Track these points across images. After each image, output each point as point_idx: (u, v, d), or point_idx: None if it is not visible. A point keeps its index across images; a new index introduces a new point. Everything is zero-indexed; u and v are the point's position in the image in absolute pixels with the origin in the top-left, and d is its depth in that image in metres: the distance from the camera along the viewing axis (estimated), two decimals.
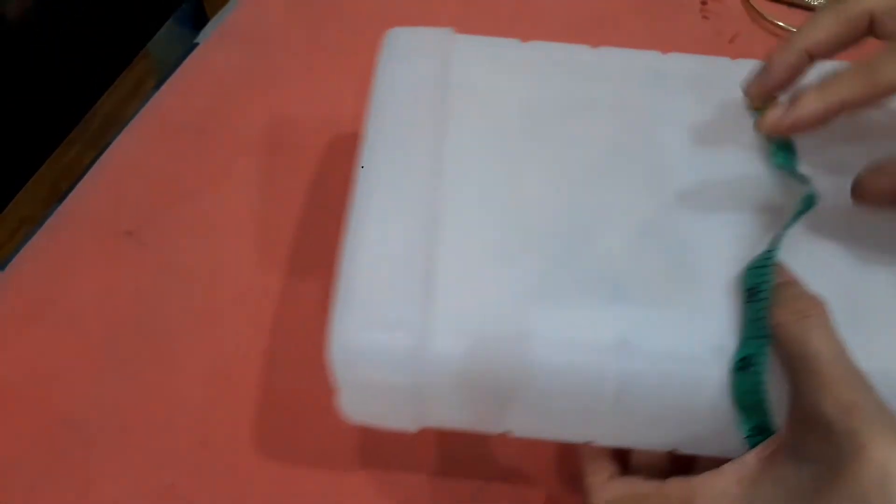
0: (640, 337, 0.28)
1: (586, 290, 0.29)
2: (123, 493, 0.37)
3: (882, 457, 0.23)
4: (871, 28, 0.31)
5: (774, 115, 0.31)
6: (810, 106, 0.31)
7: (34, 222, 0.46)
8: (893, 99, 0.31)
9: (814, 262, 0.29)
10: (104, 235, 0.45)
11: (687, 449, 0.30)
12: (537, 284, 0.29)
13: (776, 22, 0.55)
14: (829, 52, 0.32)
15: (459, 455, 0.37)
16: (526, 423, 0.31)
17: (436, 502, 0.36)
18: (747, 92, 0.33)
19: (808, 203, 0.30)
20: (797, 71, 0.32)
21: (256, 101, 0.50)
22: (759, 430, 0.27)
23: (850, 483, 0.23)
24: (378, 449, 0.38)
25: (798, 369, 0.26)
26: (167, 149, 0.48)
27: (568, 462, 0.37)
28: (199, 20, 0.86)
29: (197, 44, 0.54)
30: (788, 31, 0.54)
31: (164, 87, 0.52)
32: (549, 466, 0.37)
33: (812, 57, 0.32)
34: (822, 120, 0.31)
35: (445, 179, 0.32)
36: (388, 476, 0.37)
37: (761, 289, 0.27)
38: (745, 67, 0.33)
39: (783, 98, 0.32)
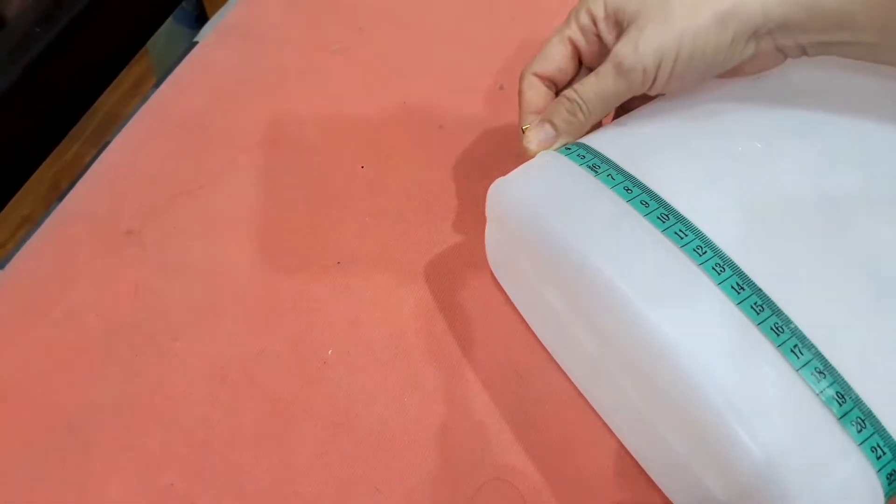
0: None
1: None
2: (123, 493, 0.37)
3: None
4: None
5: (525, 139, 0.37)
6: (531, 139, 0.36)
7: (34, 221, 0.46)
8: None
9: None
10: (104, 234, 0.45)
11: None
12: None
13: None
14: (562, 75, 0.37)
15: (459, 455, 0.37)
16: None
17: (436, 502, 0.36)
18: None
19: None
20: (539, 95, 0.37)
21: (256, 99, 0.50)
22: None
23: None
24: (377, 450, 0.38)
25: None
26: (167, 147, 0.48)
27: (569, 462, 0.37)
28: (199, 18, 0.86)
29: (197, 42, 0.54)
30: None
31: (163, 86, 0.51)
32: (550, 466, 0.37)
33: (552, 80, 0.37)
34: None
35: None
36: (388, 477, 0.37)
37: None
38: None
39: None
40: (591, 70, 0.38)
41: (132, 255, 0.44)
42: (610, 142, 0.35)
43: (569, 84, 0.38)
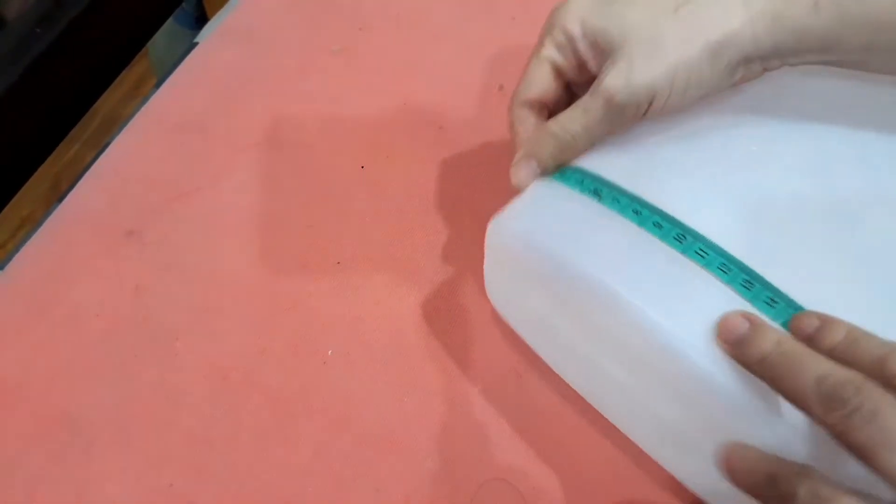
0: None
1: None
2: (123, 492, 0.37)
3: None
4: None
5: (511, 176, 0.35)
6: (518, 175, 0.34)
7: (34, 222, 0.46)
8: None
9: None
10: (104, 235, 0.45)
11: None
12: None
13: None
14: (550, 95, 0.35)
15: (459, 455, 0.37)
16: None
17: (436, 502, 0.36)
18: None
19: None
20: (530, 128, 0.35)
21: (256, 100, 0.50)
22: None
23: None
24: (377, 450, 0.38)
25: None
26: (167, 148, 0.48)
27: (570, 462, 0.37)
28: (199, 19, 0.86)
29: (197, 43, 0.54)
30: None
31: (163, 87, 0.51)
32: (550, 466, 0.37)
33: (541, 104, 0.36)
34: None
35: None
36: (388, 477, 0.37)
37: None
38: None
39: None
40: (573, 88, 0.37)
41: (132, 255, 0.44)
42: (606, 162, 0.34)
43: (558, 105, 0.37)
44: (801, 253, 0.31)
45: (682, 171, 0.33)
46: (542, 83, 0.35)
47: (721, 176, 0.33)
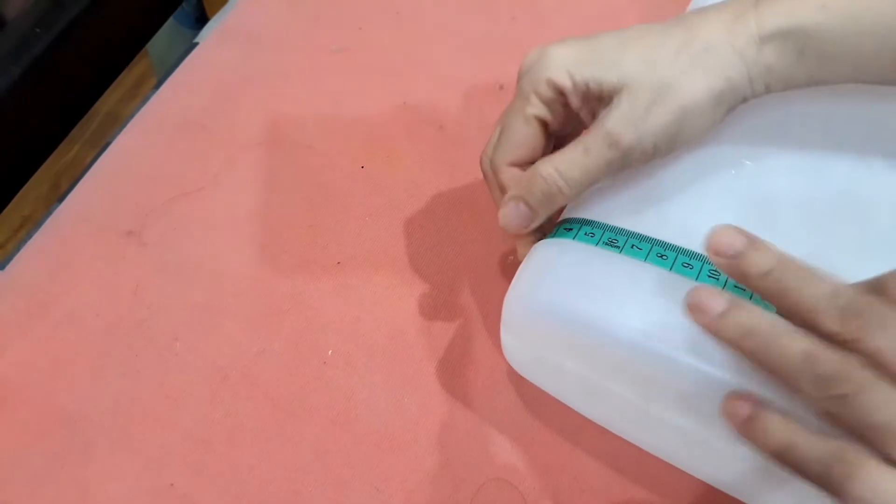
0: None
1: None
2: (123, 492, 0.37)
3: None
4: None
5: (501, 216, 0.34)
6: (510, 226, 0.34)
7: (35, 222, 0.46)
8: None
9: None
10: (105, 235, 0.45)
11: None
12: None
13: None
14: (538, 154, 0.34)
15: (459, 455, 0.37)
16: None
17: (436, 502, 0.36)
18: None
19: None
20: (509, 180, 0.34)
21: (256, 100, 0.50)
22: None
23: None
24: (377, 450, 0.38)
25: None
26: (167, 148, 0.48)
27: (569, 462, 0.37)
28: (199, 19, 0.86)
29: (197, 43, 0.54)
30: None
31: (164, 87, 0.52)
32: (550, 466, 0.37)
33: (530, 162, 0.34)
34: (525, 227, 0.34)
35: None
36: (388, 477, 0.37)
37: None
38: None
39: None
40: (557, 137, 0.36)
41: (132, 255, 0.44)
42: (608, 207, 0.32)
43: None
44: (821, 249, 0.30)
45: (687, 201, 0.32)
46: (531, 142, 0.34)
47: (724, 195, 0.32)
